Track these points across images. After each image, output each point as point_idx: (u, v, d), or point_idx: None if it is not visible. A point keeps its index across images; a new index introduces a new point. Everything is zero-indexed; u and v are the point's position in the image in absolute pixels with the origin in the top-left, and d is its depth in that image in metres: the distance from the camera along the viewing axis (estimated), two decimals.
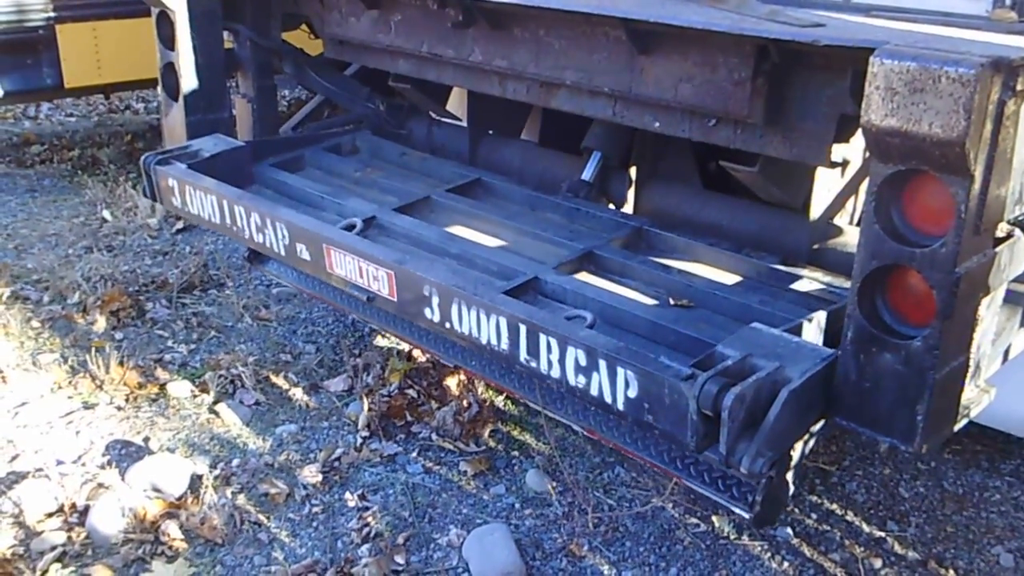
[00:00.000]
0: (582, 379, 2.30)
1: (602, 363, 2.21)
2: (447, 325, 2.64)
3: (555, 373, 2.35)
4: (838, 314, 2.30)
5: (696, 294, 2.64)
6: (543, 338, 2.35)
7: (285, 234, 3.05)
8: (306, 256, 3.04)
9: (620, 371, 2.17)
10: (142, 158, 3.46)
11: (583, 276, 2.82)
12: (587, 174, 3.34)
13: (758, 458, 1.94)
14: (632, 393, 2.16)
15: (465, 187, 3.46)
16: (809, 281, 2.67)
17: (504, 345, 2.47)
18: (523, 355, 2.43)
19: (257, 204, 3.14)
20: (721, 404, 1.92)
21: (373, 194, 3.47)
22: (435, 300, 2.64)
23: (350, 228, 3.06)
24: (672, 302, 2.65)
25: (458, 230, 3.17)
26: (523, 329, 2.40)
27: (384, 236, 3.14)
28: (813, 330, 2.33)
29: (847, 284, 2.55)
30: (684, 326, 2.44)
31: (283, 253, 3.12)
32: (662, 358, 2.13)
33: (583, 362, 2.27)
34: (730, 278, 2.79)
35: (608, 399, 2.23)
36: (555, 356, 2.34)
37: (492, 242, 3.08)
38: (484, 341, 2.53)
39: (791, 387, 1.94)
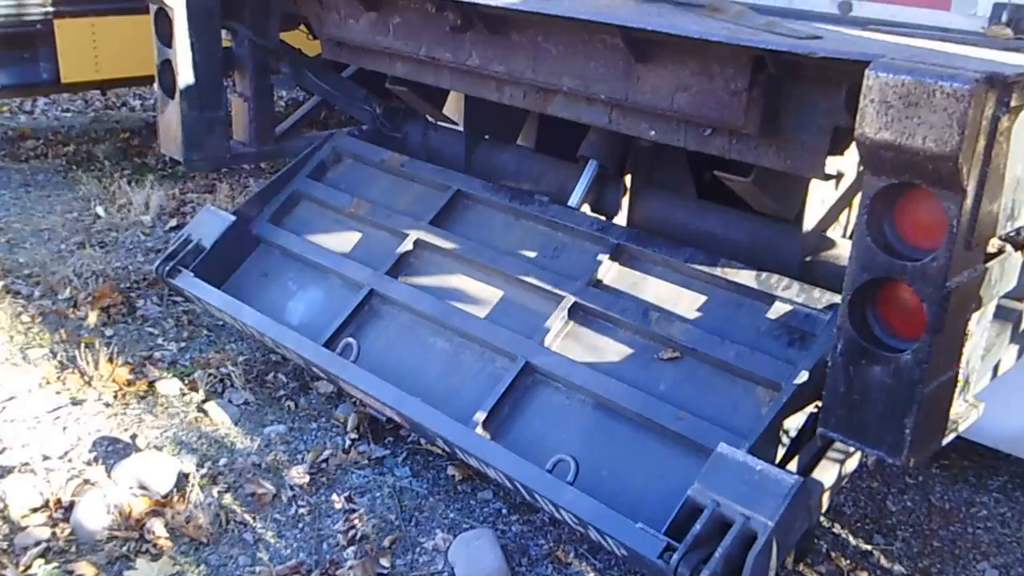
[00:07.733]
0: (580, 529, 2.44)
1: (590, 527, 2.37)
2: (458, 456, 2.82)
3: (558, 517, 2.52)
4: (819, 367, 2.37)
5: (679, 346, 2.72)
6: (537, 496, 2.51)
7: (298, 356, 3.24)
8: (323, 375, 3.24)
9: (607, 536, 2.33)
10: (155, 266, 3.70)
11: (571, 336, 2.91)
12: (574, 200, 3.32)
13: None
14: (623, 552, 2.32)
15: (447, 208, 3.47)
16: (783, 304, 2.66)
17: (508, 485, 2.64)
18: (526, 496, 2.59)
19: (266, 329, 3.32)
20: None
21: (366, 233, 3.58)
22: (439, 441, 2.85)
23: (347, 350, 3.19)
24: (658, 357, 2.75)
25: (451, 276, 3.28)
26: (518, 485, 2.55)
27: (387, 306, 3.28)
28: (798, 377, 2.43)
29: (832, 300, 2.56)
30: (668, 419, 2.56)
31: (303, 366, 3.34)
32: (640, 525, 2.26)
33: (575, 521, 2.43)
34: (705, 296, 2.84)
35: (607, 549, 2.39)
36: (551, 508, 2.51)
37: (482, 298, 3.16)
38: (492, 476, 2.69)
39: (756, 551, 2.06)
